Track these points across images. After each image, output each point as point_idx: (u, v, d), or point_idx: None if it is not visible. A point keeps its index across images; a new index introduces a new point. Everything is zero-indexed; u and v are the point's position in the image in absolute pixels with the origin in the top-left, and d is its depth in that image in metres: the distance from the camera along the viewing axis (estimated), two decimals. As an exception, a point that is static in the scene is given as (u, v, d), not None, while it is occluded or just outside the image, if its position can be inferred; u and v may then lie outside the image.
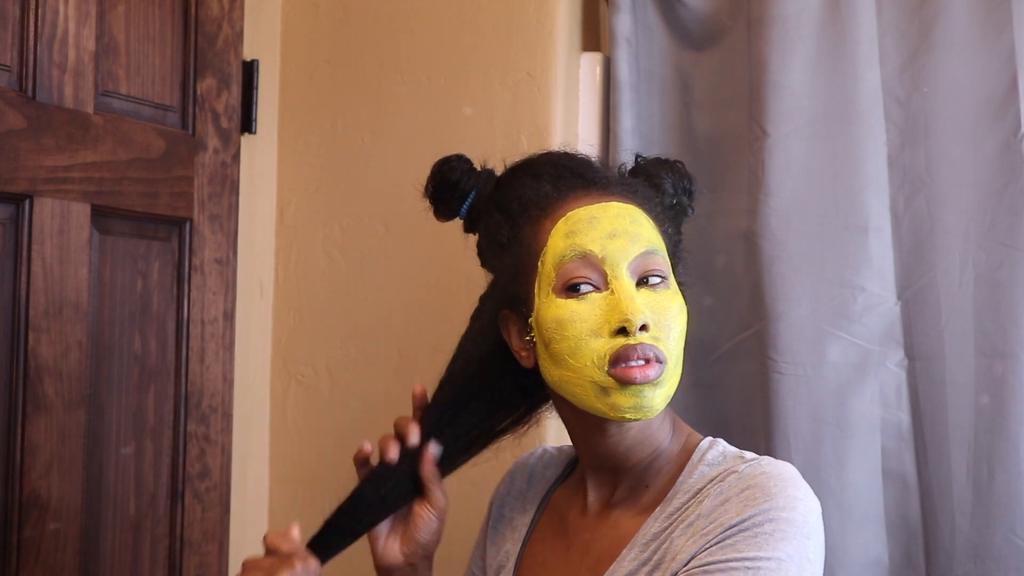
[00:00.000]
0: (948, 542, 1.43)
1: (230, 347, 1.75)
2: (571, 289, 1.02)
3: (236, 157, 1.77)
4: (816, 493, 1.45)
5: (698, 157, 1.62)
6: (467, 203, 1.15)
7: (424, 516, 1.12)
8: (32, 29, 1.48)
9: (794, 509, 0.97)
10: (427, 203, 1.18)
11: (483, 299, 1.17)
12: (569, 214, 1.04)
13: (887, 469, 1.48)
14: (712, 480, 1.02)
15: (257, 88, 1.81)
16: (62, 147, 1.51)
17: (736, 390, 1.57)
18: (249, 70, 1.81)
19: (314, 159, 1.85)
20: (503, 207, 1.10)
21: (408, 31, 1.77)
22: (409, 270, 1.76)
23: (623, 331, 0.99)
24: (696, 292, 1.60)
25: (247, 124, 1.80)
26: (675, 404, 1.61)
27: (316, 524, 1.47)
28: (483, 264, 1.15)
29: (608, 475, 1.10)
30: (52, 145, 1.49)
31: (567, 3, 1.67)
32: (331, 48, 1.84)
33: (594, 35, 1.74)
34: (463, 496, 1.27)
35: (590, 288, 1.01)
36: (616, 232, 1.03)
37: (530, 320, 1.05)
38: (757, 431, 1.52)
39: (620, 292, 1.00)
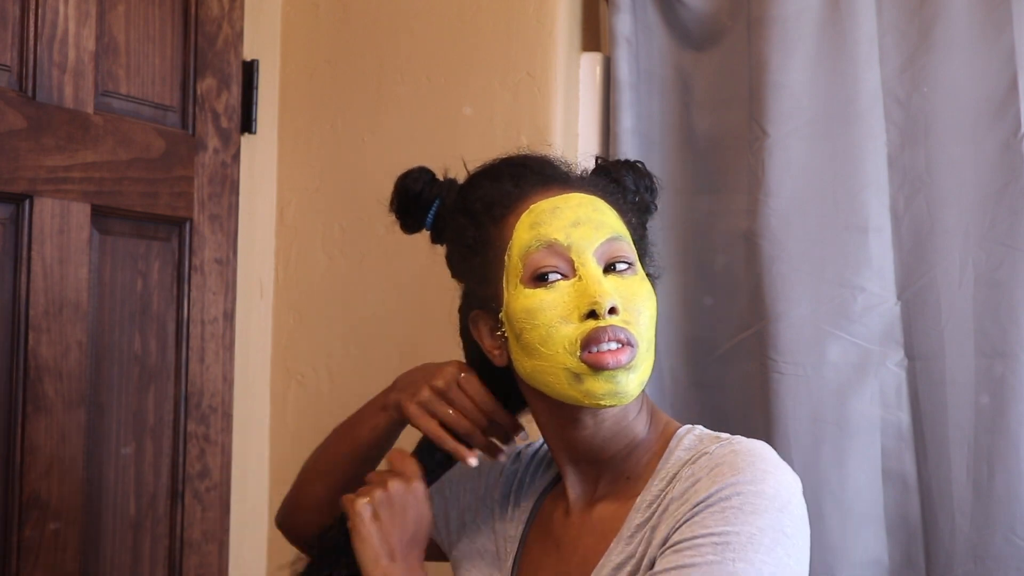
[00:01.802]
0: (948, 542, 1.43)
1: (230, 347, 1.75)
2: (539, 279, 1.02)
3: (236, 157, 1.77)
4: (816, 493, 1.47)
5: (698, 157, 1.63)
6: (431, 213, 1.17)
7: None
8: (32, 29, 1.48)
9: (763, 482, 0.96)
10: (392, 218, 1.20)
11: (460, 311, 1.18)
12: (532, 207, 1.05)
13: (887, 469, 1.48)
14: (686, 463, 1.02)
15: (257, 88, 1.81)
16: (62, 147, 1.51)
17: (736, 390, 1.57)
18: (249, 70, 1.81)
19: (314, 159, 1.85)
20: (466, 210, 1.11)
21: (408, 31, 1.77)
22: (409, 270, 1.76)
23: (592, 314, 1.00)
24: (696, 292, 1.60)
25: (247, 124, 1.80)
26: (675, 403, 1.62)
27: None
28: (453, 274, 1.16)
29: (587, 469, 1.10)
30: (52, 145, 1.49)
31: (567, 3, 1.67)
32: (331, 48, 1.84)
33: (594, 35, 1.74)
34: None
35: (558, 276, 1.02)
36: (580, 220, 1.04)
37: (500, 315, 1.06)
38: (757, 431, 1.52)
39: (588, 277, 1.01)
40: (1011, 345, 1.41)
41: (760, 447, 1.01)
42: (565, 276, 1.02)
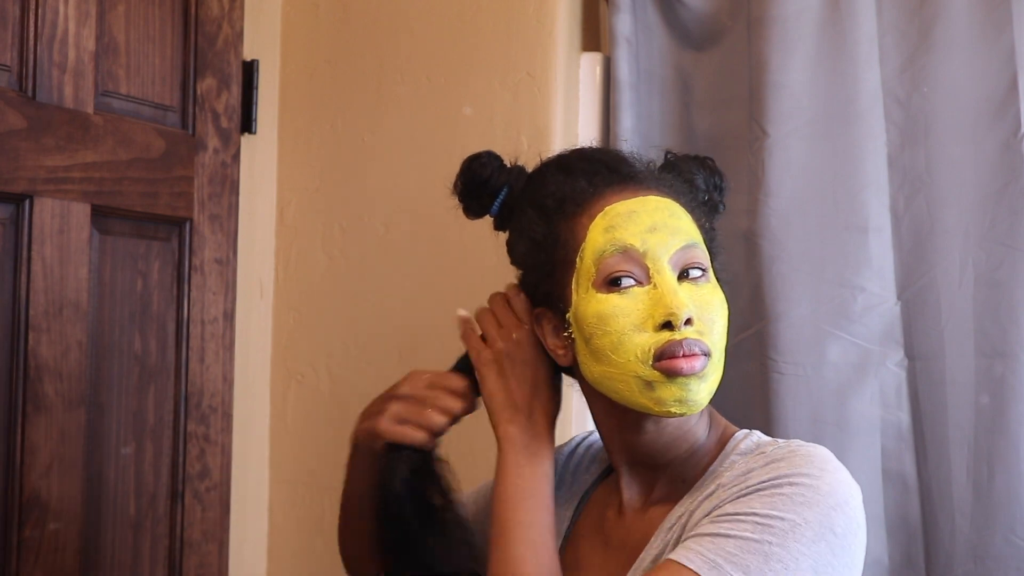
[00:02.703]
0: (948, 542, 1.43)
1: (230, 347, 1.75)
2: (612, 283, 1.00)
3: (236, 157, 1.77)
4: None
5: (698, 157, 1.62)
6: (499, 200, 1.12)
7: None
8: (32, 29, 1.48)
9: (819, 478, 0.94)
10: (455, 201, 1.15)
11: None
12: (607, 208, 1.03)
13: (887, 469, 1.48)
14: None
15: (257, 88, 1.81)
16: (62, 147, 1.51)
17: (736, 390, 1.56)
18: (249, 70, 1.81)
19: (314, 159, 1.85)
20: (537, 203, 1.07)
21: (408, 31, 1.77)
22: (409, 270, 1.76)
23: (668, 325, 0.98)
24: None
25: (247, 124, 1.80)
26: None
27: (316, 524, 1.47)
28: (513, 261, 1.13)
29: (644, 472, 1.09)
30: (52, 145, 1.49)
31: (567, 3, 1.67)
32: (331, 48, 1.84)
33: (594, 35, 1.74)
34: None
35: (632, 282, 1.00)
36: (656, 226, 1.01)
37: (568, 316, 1.03)
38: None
39: (663, 286, 0.99)
40: (1011, 345, 1.41)
41: (822, 450, 0.99)
42: (639, 282, 1.00)
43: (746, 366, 1.55)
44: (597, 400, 1.07)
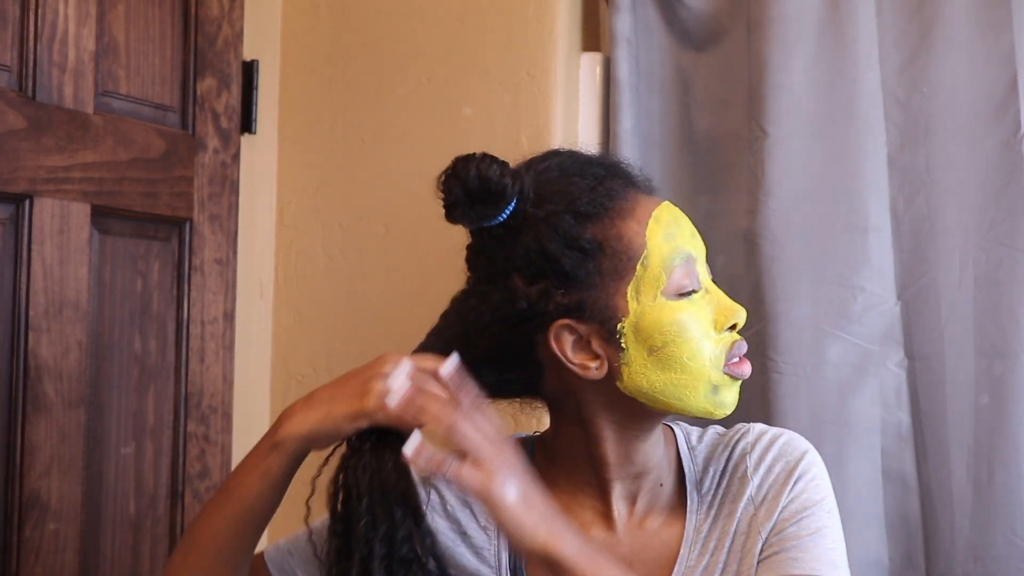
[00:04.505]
0: (948, 542, 1.43)
1: (230, 347, 1.75)
2: (683, 293, 1.01)
3: (236, 157, 1.77)
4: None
5: (698, 157, 1.63)
6: (512, 205, 1.01)
7: None
8: (32, 29, 1.48)
9: (817, 457, 1.11)
10: (443, 206, 1.05)
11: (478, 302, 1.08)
12: (655, 214, 1.01)
13: (887, 469, 1.48)
14: (721, 459, 1.10)
15: (257, 88, 1.81)
16: (62, 147, 1.50)
17: (736, 390, 1.57)
18: (249, 70, 1.81)
19: (314, 159, 1.85)
20: (570, 208, 1.00)
21: (408, 31, 1.77)
22: (409, 270, 1.76)
23: (732, 327, 1.03)
24: (696, 292, 1.60)
25: (247, 124, 1.80)
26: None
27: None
28: (529, 276, 1.01)
29: (632, 483, 1.08)
30: (52, 145, 1.49)
31: (567, 3, 1.67)
32: (331, 48, 1.84)
33: (594, 35, 1.74)
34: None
35: (692, 289, 1.02)
36: (694, 231, 1.05)
37: (620, 326, 1.00)
38: (757, 431, 1.52)
39: (714, 290, 1.04)
40: (1011, 345, 1.41)
41: (789, 432, 1.14)
42: (695, 289, 1.02)
43: (746, 366, 1.55)
44: (611, 413, 1.04)
